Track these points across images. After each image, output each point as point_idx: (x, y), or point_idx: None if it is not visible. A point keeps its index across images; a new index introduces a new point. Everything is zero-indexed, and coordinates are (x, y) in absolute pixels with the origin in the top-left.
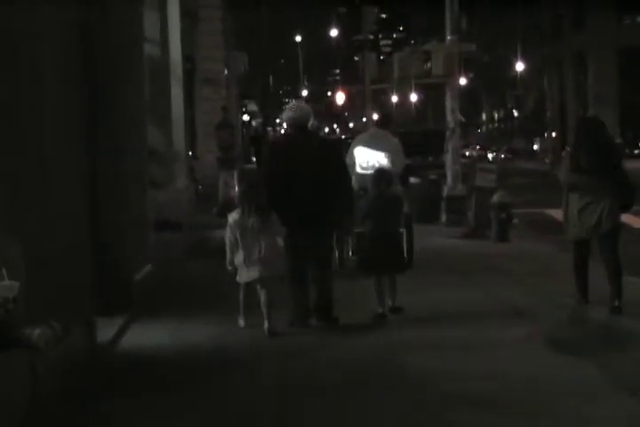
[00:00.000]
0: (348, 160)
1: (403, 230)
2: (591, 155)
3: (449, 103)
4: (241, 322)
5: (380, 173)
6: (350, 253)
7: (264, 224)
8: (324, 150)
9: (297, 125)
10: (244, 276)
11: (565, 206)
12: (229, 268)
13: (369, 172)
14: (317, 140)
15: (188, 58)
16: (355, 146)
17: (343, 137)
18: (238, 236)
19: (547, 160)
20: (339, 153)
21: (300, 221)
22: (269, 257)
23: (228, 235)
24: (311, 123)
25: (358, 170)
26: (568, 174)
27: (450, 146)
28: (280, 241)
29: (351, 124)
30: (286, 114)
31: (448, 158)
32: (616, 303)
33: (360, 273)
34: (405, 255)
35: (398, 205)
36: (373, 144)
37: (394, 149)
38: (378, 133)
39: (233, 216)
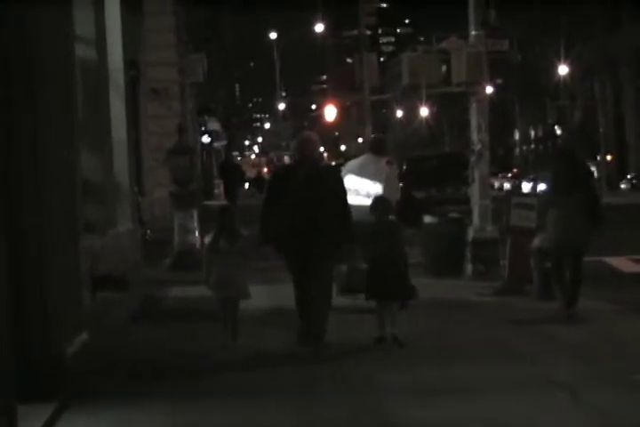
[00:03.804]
0: None
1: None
2: (568, 178)
3: (474, 119)
4: (224, 342)
5: (378, 199)
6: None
7: (232, 248)
8: (326, 180)
9: (306, 156)
10: (214, 294)
11: (549, 223)
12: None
13: (359, 202)
14: (321, 169)
15: (131, 63)
16: (345, 174)
17: (333, 164)
18: (210, 257)
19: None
20: (341, 182)
21: (302, 249)
22: (230, 279)
23: (205, 256)
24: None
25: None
26: (549, 194)
27: (476, 174)
28: (245, 264)
29: (343, 147)
30: (296, 144)
31: (474, 190)
32: (570, 310)
33: (367, 299)
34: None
35: (397, 232)
36: (364, 173)
37: (387, 178)
38: (370, 160)
39: (207, 239)
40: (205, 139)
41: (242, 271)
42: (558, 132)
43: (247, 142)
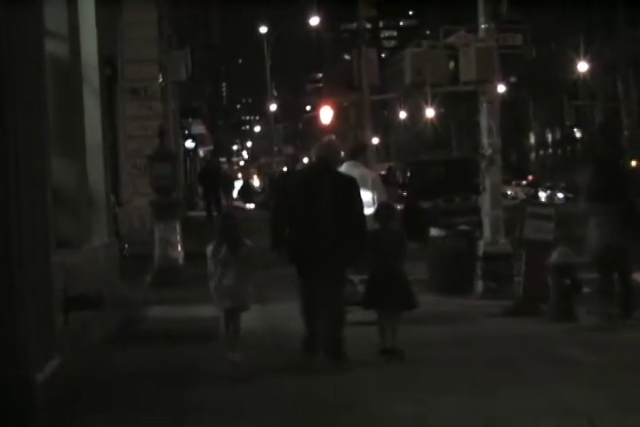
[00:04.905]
0: None
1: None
2: (606, 185)
3: (485, 121)
4: (230, 356)
5: (382, 206)
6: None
7: (234, 256)
8: (344, 189)
9: (325, 162)
10: (215, 304)
11: (590, 232)
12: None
13: None
14: (339, 177)
15: (107, 59)
16: None
17: None
18: (212, 266)
19: None
20: (358, 192)
21: (315, 258)
22: (233, 289)
23: (208, 265)
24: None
25: None
26: (586, 202)
27: (487, 182)
28: (251, 274)
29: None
30: (316, 150)
31: (485, 200)
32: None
33: (364, 308)
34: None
35: (401, 241)
36: None
37: (374, 183)
38: (353, 167)
39: (209, 247)
40: (189, 143)
41: (245, 281)
42: (578, 134)
43: (235, 147)
